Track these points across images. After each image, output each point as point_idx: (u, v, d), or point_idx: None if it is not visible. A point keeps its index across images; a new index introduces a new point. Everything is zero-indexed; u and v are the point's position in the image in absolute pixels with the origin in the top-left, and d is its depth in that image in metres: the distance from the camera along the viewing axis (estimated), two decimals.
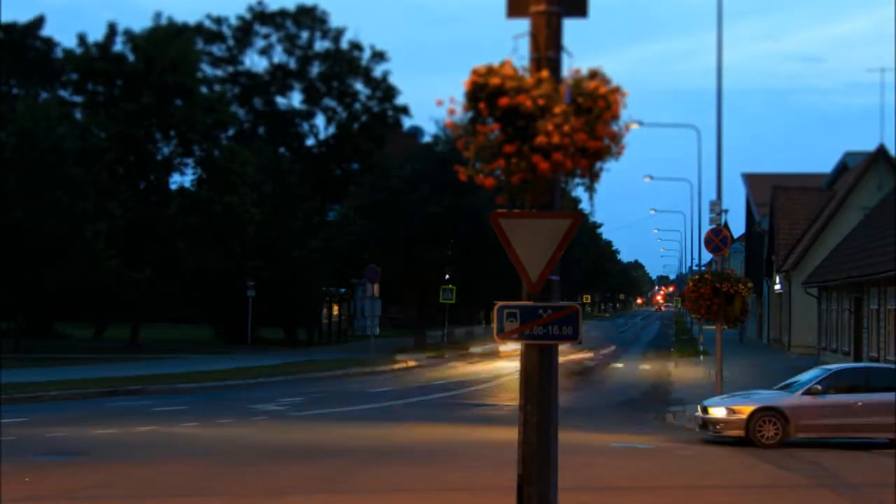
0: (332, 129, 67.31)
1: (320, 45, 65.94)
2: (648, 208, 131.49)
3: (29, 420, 19.49)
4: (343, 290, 56.65)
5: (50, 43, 52.59)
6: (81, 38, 47.86)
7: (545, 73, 5.99)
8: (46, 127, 38.94)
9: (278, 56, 66.00)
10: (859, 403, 17.06)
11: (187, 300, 53.87)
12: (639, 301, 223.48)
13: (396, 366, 36.80)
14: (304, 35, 65.65)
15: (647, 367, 38.78)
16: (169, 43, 45.81)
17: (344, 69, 65.50)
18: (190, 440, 17.03)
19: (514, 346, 17.90)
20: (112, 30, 47.47)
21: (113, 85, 47.13)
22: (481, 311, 68.62)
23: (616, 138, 6.00)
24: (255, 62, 66.50)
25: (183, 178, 54.76)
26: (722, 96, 23.84)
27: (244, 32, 65.24)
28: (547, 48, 6.21)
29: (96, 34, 47.64)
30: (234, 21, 65.28)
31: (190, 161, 48.24)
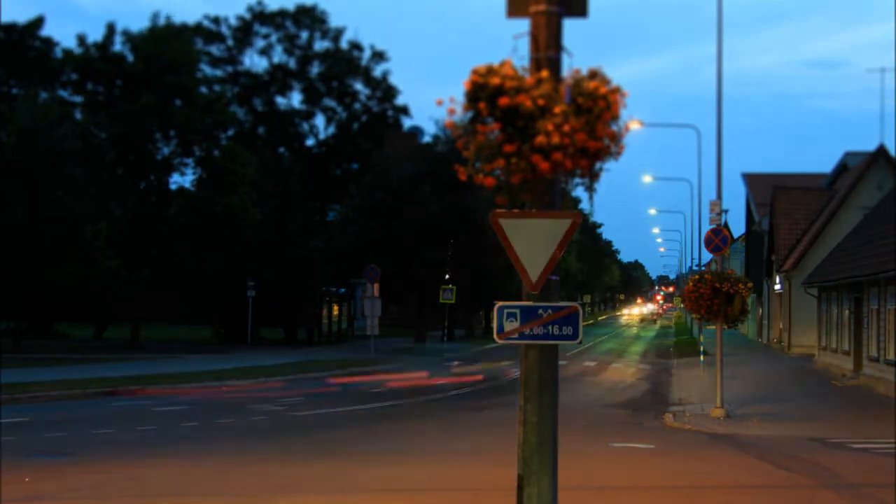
0: (332, 129, 67.39)
1: (320, 45, 66.05)
2: (648, 208, 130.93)
3: (29, 420, 19.51)
4: (343, 290, 56.66)
5: (50, 43, 52.59)
6: (81, 39, 47.94)
7: (545, 73, 5.99)
8: (46, 127, 38.93)
9: (278, 56, 66.11)
10: None
11: (187, 300, 53.88)
12: (639, 301, 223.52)
13: (396, 366, 36.80)
14: (304, 35, 65.75)
15: (646, 367, 38.78)
16: (168, 43, 45.85)
17: (344, 69, 65.58)
18: (190, 440, 17.04)
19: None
20: (111, 30, 47.53)
21: (113, 85, 47.20)
22: (481, 311, 68.65)
23: (616, 138, 6.00)
24: (254, 62, 66.61)
25: (183, 179, 54.82)
26: (722, 97, 23.83)
27: (244, 32, 65.33)
28: (547, 48, 6.21)
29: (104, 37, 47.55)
30: (233, 21, 65.41)
31: (190, 161, 48.31)
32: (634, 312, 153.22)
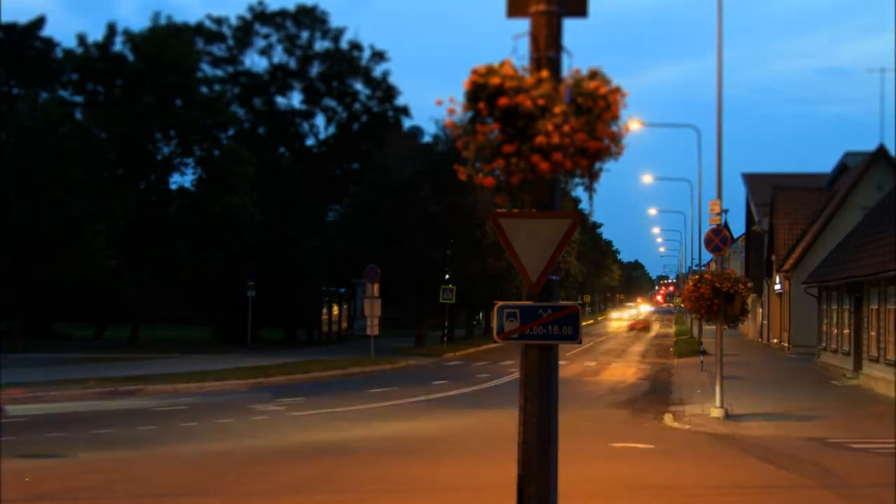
0: (332, 129, 67.39)
1: (320, 45, 66.07)
2: (648, 208, 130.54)
3: (29, 420, 19.50)
4: (343, 290, 56.66)
5: (50, 43, 52.64)
6: (81, 39, 47.96)
7: (545, 73, 5.99)
8: (46, 127, 38.95)
9: (278, 56, 66.12)
10: None
11: (187, 300, 53.89)
12: (639, 301, 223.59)
13: (396, 366, 36.80)
14: (304, 35, 65.75)
15: (646, 367, 38.78)
16: (168, 43, 45.86)
17: (344, 69, 65.58)
18: (190, 440, 17.04)
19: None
20: (111, 30, 47.55)
21: (113, 85, 47.21)
22: (481, 311, 68.61)
23: (616, 138, 6.00)
24: (255, 62, 66.63)
25: (183, 178, 54.83)
26: (722, 98, 23.84)
27: (244, 32, 65.33)
28: (547, 48, 6.20)
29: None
30: (234, 21, 65.43)
31: (190, 161, 48.32)
32: (626, 316, 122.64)
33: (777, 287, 49.97)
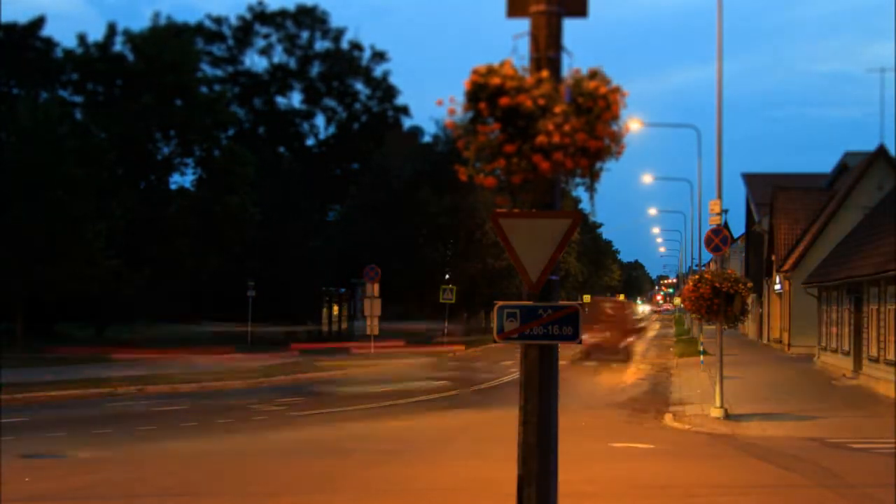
0: (332, 129, 67.42)
1: (320, 45, 66.14)
2: (648, 208, 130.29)
3: (29, 420, 19.51)
4: (343, 290, 56.66)
5: (50, 43, 52.64)
6: (81, 39, 48.02)
7: (545, 73, 6.00)
8: (46, 127, 38.92)
9: (278, 56, 66.18)
10: None
11: (187, 300, 53.83)
12: (639, 301, 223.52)
13: (396, 366, 36.77)
14: (305, 35, 65.80)
15: (646, 367, 38.76)
16: (168, 43, 45.87)
17: (344, 69, 65.63)
18: (190, 440, 17.04)
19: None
20: (111, 30, 47.59)
21: (113, 85, 47.22)
22: (481, 310, 68.62)
23: (616, 138, 6.00)
24: (255, 62, 66.72)
25: (183, 179, 54.77)
26: (721, 98, 23.83)
27: (244, 32, 65.39)
28: (547, 48, 6.21)
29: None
30: (234, 21, 65.48)
31: (190, 161, 48.33)
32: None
33: (777, 287, 49.95)
